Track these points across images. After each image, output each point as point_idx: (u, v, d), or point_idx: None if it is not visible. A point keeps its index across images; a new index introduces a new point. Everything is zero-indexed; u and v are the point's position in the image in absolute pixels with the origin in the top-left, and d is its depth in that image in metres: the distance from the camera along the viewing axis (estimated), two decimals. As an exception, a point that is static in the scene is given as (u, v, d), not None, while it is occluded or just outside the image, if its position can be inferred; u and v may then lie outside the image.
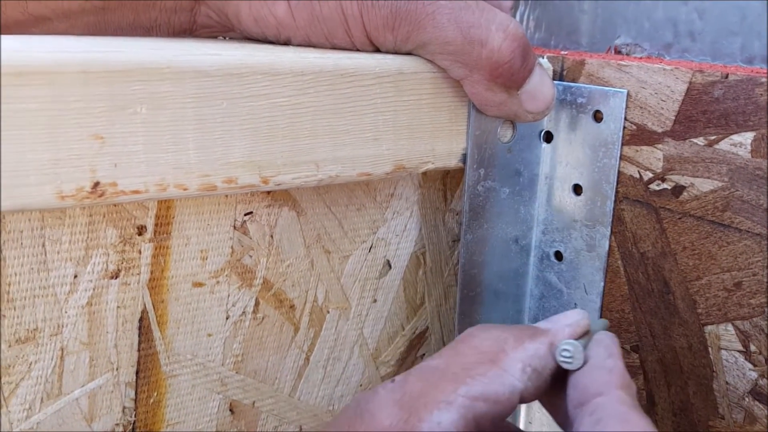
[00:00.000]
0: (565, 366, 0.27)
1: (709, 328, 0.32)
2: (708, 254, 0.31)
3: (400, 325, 0.40)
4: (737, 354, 0.31)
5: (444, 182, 0.39)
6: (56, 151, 0.25)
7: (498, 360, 0.27)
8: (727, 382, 0.32)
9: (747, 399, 0.31)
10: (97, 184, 0.26)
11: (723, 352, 0.32)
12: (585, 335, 0.29)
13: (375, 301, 0.39)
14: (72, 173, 0.25)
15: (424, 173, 0.38)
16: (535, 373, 0.27)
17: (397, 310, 0.40)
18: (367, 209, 0.37)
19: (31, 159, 0.24)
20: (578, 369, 0.27)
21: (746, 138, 0.29)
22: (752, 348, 0.30)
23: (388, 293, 0.39)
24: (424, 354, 0.42)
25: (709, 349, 0.32)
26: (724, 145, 0.30)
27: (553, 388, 0.28)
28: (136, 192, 0.26)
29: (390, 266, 0.39)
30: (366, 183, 0.36)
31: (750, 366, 0.31)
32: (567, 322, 0.29)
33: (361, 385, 0.40)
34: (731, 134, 0.30)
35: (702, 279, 0.32)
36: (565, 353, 0.27)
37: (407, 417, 0.25)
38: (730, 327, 0.31)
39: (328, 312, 0.37)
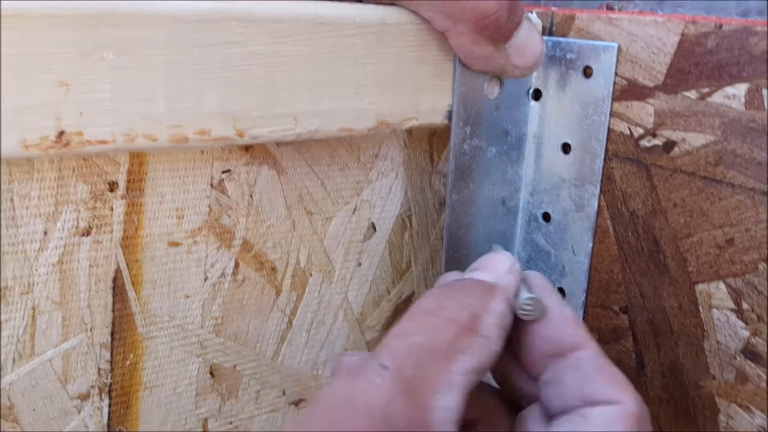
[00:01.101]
0: (527, 318, 0.28)
1: (700, 286, 0.31)
2: (699, 211, 0.30)
3: (385, 289, 0.39)
4: (729, 312, 0.30)
5: (430, 143, 0.38)
6: (21, 98, 0.24)
7: (476, 328, 0.26)
8: (718, 342, 0.31)
9: (739, 358, 0.30)
10: (62, 133, 0.25)
11: (714, 311, 0.31)
12: None
13: (359, 264, 0.38)
14: (36, 121, 0.24)
15: (410, 133, 0.37)
16: (504, 332, 0.27)
17: (383, 274, 0.39)
18: (350, 169, 0.36)
19: (-6, 105, 0.23)
20: (536, 320, 0.28)
21: (740, 90, 0.28)
22: (744, 306, 0.30)
23: (373, 257, 0.38)
24: (410, 320, 0.41)
25: (700, 308, 0.31)
26: (717, 97, 0.29)
27: None
28: (103, 142, 0.25)
29: (375, 229, 0.38)
30: (349, 142, 0.35)
31: (742, 324, 0.30)
32: (504, 268, 0.29)
33: (345, 350, 0.39)
34: (724, 86, 0.29)
35: (693, 236, 0.31)
36: (527, 308, 0.28)
37: (413, 407, 0.24)
38: (721, 285, 0.30)
39: (311, 275, 0.36)
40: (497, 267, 0.29)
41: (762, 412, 0.30)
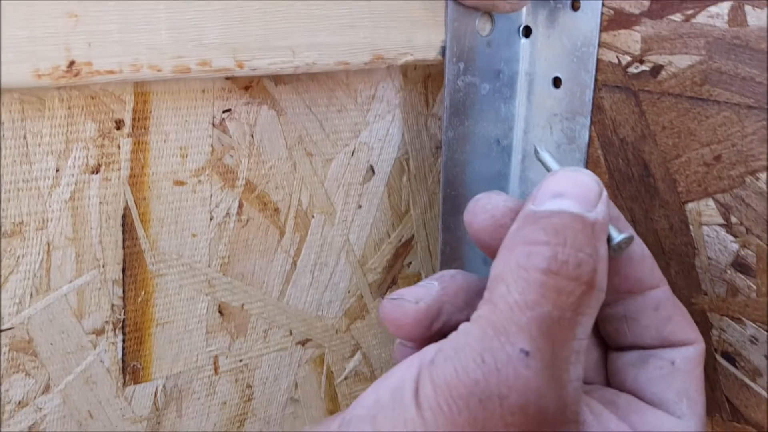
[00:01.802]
0: (616, 257, 0.26)
1: (690, 205, 0.32)
2: (687, 131, 0.31)
3: (386, 232, 0.40)
4: (718, 228, 0.31)
5: (425, 86, 0.39)
6: (32, 28, 0.25)
7: (594, 283, 0.24)
8: (708, 258, 0.32)
9: (729, 271, 0.31)
10: (72, 63, 0.26)
11: (704, 227, 0.32)
12: None
13: (360, 207, 0.39)
14: (48, 51, 0.25)
15: (405, 75, 0.38)
16: None
17: (383, 217, 0.40)
18: (348, 111, 0.37)
19: (8, 36, 0.24)
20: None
21: (723, 8, 0.29)
22: (733, 220, 0.31)
23: (373, 199, 0.39)
24: (410, 262, 0.42)
25: (690, 226, 0.32)
26: (701, 18, 0.30)
27: None
28: (111, 72, 0.26)
29: (373, 171, 0.39)
30: (346, 83, 0.36)
31: (731, 238, 0.31)
32: (595, 195, 0.25)
33: (348, 291, 0.40)
34: (708, 6, 0.30)
35: (682, 157, 0.32)
36: (624, 246, 0.26)
37: (556, 389, 0.22)
38: (710, 201, 0.31)
39: (313, 217, 0.37)
40: (589, 194, 0.25)
41: (753, 322, 0.31)
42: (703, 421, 0.27)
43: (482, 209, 0.27)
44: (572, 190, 0.25)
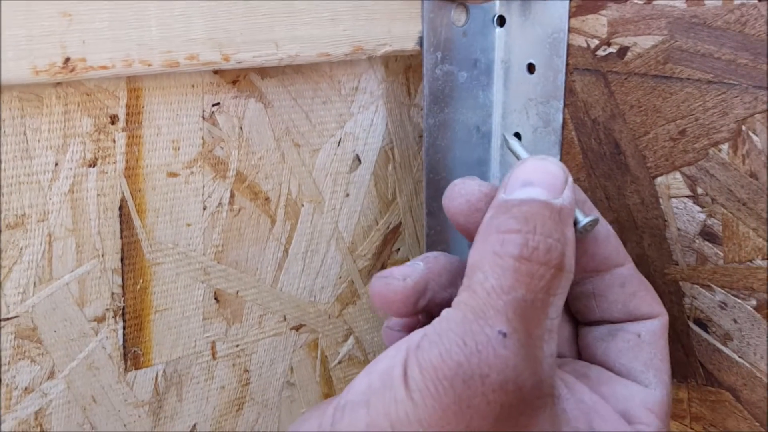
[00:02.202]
0: (581, 238, 0.28)
1: (659, 179, 0.34)
2: (653, 108, 0.33)
3: (373, 219, 0.42)
4: (686, 200, 0.33)
5: (407, 77, 0.41)
6: (30, 28, 0.27)
7: (563, 265, 0.25)
8: (678, 229, 0.34)
9: (697, 241, 0.33)
10: (67, 59, 0.27)
11: (673, 200, 0.33)
12: None
13: (347, 195, 0.40)
14: (44, 49, 0.27)
15: (386, 66, 0.39)
16: None
17: (370, 205, 0.42)
18: (332, 103, 0.38)
19: (8, 35, 0.26)
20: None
21: (680, -10, 0.31)
22: (699, 191, 0.32)
23: (360, 187, 0.41)
24: (399, 249, 0.44)
25: (660, 200, 0.34)
26: None
27: None
28: (104, 67, 0.28)
29: (360, 161, 0.40)
30: (330, 75, 0.37)
31: (698, 209, 0.33)
32: (561, 181, 0.26)
33: (340, 278, 0.41)
34: (666, -11, 0.32)
35: (649, 133, 0.34)
36: (589, 228, 0.28)
37: (532, 366, 0.24)
38: (678, 175, 0.33)
39: (303, 205, 0.39)
40: (555, 182, 0.26)
41: (721, 288, 0.33)
42: (669, 388, 0.29)
43: (458, 194, 0.29)
44: (540, 178, 0.26)
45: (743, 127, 0.30)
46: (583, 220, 0.28)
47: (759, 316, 0.32)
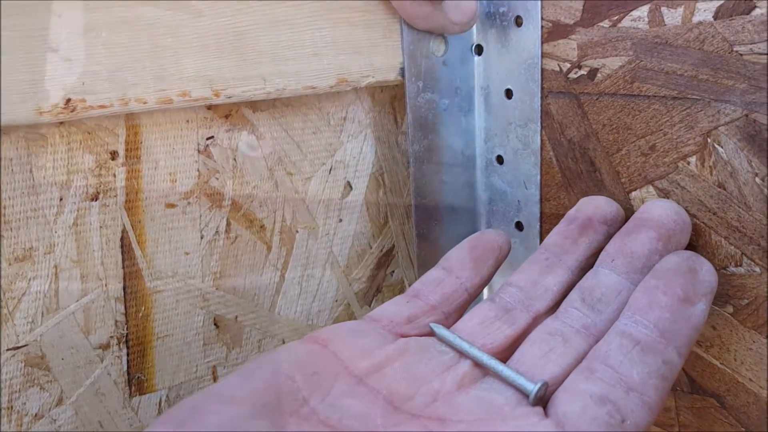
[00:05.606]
0: None
1: (633, 194, 0.35)
2: (624, 126, 0.35)
3: (367, 243, 0.44)
4: (659, 211, 0.34)
5: (393, 106, 0.42)
6: (33, 73, 0.29)
7: None
8: (654, 239, 0.35)
9: (672, 250, 0.34)
10: (68, 100, 0.29)
11: (647, 212, 0.35)
12: None
13: (341, 220, 0.42)
14: (47, 92, 0.29)
15: (372, 97, 0.41)
16: None
17: (363, 230, 0.43)
18: (322, 132, 0.40)
19: (13, 80, 0.28)
20: None
21: (643, 11, 0.33)
22: (670, 202, 0.34)
23: (353, 213, 0.43)
24: (393, 271, 0.45)
25: (636, 212, 0.35)
26: (625, 22, 0.34)
27: None
28: (103, 107, 0.30)
29: (351, 187, 0.42)
30: (318, 107, 0.39)
31: (671, 219, 0.34)
32: None
33: (336, 301, 0.43)
34: (630, 11, 0.33)
35: (622, 150, 0.35)
36: None
37: None
38: (651, 188, 0.35)
39: (297, 231, 0.41)
40: None
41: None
42: None
43: None
44: None
45: (709, 140, 0.32)
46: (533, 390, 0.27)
47: (736, 322, 0.33)
